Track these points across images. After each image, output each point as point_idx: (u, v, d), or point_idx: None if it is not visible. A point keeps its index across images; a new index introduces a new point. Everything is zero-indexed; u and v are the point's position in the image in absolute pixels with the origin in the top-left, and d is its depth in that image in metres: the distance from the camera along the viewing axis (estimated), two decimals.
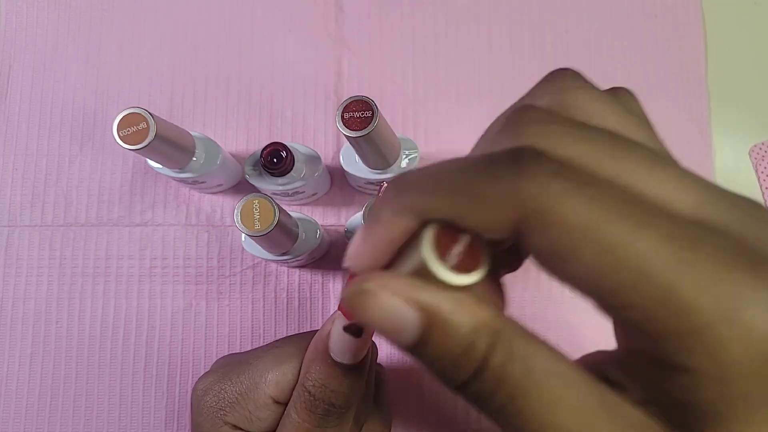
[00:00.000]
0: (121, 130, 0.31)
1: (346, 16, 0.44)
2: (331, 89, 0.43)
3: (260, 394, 0.24)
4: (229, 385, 0.25)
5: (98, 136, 0.42)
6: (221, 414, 0.25)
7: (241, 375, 0.25)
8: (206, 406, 0.25)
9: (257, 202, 0.30)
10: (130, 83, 0.43)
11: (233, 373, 0.26)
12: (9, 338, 0.40)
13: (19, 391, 0.39)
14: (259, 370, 0.25)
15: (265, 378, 0.25)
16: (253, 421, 0.25)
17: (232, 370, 0.26)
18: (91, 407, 0.39)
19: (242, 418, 0.25)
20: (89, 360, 0.40)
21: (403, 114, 0.43)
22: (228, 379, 0.26)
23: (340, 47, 0.44)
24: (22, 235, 0.41)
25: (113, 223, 0.41)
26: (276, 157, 0.34)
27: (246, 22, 0.44)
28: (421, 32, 0.44)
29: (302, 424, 0.23)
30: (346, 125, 0.31)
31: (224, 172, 0.39)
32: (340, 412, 0.23)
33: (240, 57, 0.43)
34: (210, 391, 0.25)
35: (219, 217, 0.41)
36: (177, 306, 0.40)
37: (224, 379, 0.26)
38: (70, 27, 0.44)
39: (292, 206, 0.41)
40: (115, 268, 0.41)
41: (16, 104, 0.43)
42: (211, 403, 0.25)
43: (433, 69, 0.43)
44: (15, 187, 0.42)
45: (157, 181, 0.42)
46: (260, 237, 0.30)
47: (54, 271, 0.41)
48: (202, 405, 0.25)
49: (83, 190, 0.42)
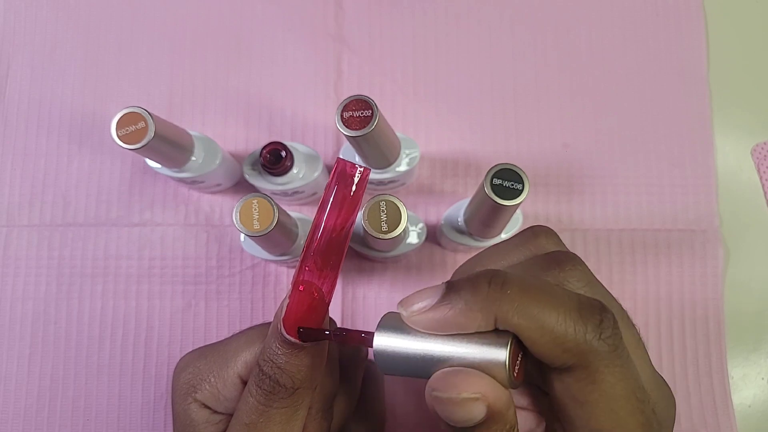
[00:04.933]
0: (119, 129, 0.31)
1: (345, 14, 0.44)
2: (330, 88, 0.43)
3: (229, 373, 0.24)
4: (204, 363, 0.25)
5: (97, 136, 0.42)
6: (192, 391, 0.25)
7: (215, 353, 0.25)
8: (180, 383, 0.25)
9: (256, 202, 0.30)
10: (128, 82, 0.43)
11: (209, 352, 0.26)
12: (8, 338, 0.40)
13: (18, 392, 0.39)
14: (232, 349, 0.25)
15: (237, 357, 0.25)
16: (220, 400, 0.24)
17: (210, 348, 0.26)
18: (90, 407, 0.39)
19: (211, 396, 0.25)
20: (88, 360, 0.39)
21: (403, 113, 0.43)
22: (204, 357, 0.26)
23: (339, 46, 0.43)
24: (21, 235, 0.41)
25: (112, 222, 0.41)
26: (275, 156, 0.34)
27: (245, 21, 0.44)
28: (422, 31, 0.44)
29: (250, 399, 0.23)
30: (346, 125, 0.30)
31: (223, 172, 0.38)
32: (286, 391, 0.23)
33: (239, 56, 0.43)
34: (187, 368, 0.26)
35: (218, 216, 0.41)
36: (176, 306, 0.40)
37: (201, 357, 0.26)
38: (69, 26, 0.44)
39: (291, 206, 0.41)
40: (114, 268, 0.40)
41: (15, 103, 0.43)
42: (186, 379, 0.25)
43: (433, 68, 0.43)
44: (13, 187, 0.42)
45: (155, 181, 0.41)
46: (259, 237, 0.30)
47: (53, 271, 0.40)
48: (177, 381, 0.25)
49: (82, 190, 0.41)
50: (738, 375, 0.40)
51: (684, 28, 0.44)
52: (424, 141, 0.42)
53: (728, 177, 0.42)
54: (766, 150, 0.43)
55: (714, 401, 0.39)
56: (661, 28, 0.44)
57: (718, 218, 0.41)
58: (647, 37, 0.44)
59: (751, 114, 0.43)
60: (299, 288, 0.22)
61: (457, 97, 0.43)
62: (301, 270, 0.22)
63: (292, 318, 0.22)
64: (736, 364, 0.40)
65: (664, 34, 0.44)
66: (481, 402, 0.17)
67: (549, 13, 0.44)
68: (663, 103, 0.43)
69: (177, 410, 0.25)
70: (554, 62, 0.44)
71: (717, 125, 0.43)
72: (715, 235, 0.41)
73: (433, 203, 0.41)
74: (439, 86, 0.43)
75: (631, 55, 0.44)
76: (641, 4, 0.44)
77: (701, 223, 0.41)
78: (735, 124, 0.43)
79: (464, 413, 0.17)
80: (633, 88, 0.43)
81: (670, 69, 0.43)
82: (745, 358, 0.40)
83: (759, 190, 0.42)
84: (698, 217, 0.41)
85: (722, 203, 0.42)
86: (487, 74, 0.43)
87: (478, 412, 0.17)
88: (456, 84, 0.43)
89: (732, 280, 0.41)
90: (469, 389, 0.17)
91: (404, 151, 0.37)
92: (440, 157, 0.42)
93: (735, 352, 0.40)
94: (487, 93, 0.43)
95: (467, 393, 0.17)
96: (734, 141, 0.43)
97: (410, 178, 0.40)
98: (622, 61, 0.44)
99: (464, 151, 0.42)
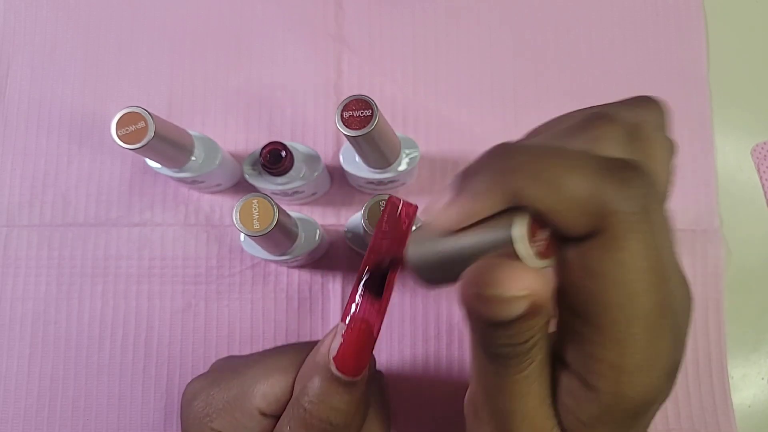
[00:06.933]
0: (119, 129, 0.31)
1: (345, 14, 0.44)
2: (330, 88, 0.43)
3: (248, 404, 0.24)
4: (218, 391, 0.25)
5: (97, 136, 0.42)
6: (207, 420, 0.24)
7: (231, 382, 0.25)
8: (194, 411, 0.25)
9: (256, 202, 0.30)
10: (128, 82, 0.43)
11: (223, 380, 0.25)
12: (8, 338, 0.40)
13: (18, 392, 0.39)
14: (249, 380, 0.24)
15: (254, 388, 0.24)
16: (239, 429, 0.24)
17: (223, 376, 0.26)
18: (90, 407, 0.39)
19: (229, 426, 0.24)
20: (88, 360, 0.39)
21: (403, 113, 0.43)
22: (217, 385, 0.25)
23: (339, 46, 0.43)
24: (21, 235, 0.41)
25: (112, 222, 0.41)
26: (275, 156, 0.34)
27: (245, 20, 0.44)
28: (422, 31, 0.44)
29: None
30: (346, 124, 0.30)
31: (223, 172, 0.38)
32: (337, 430, 0.22)
33: (239, 56, 0.43)
34: (199, 396, 0.25)
35: (218, 216, 0.41)
36: (176, 306, 0.40)
37: (213, 384, 0.25)
38: (69, 26, 0.44)
39: (291, 206, 0.41)
40: (114, 268, 0.40)
41: (15, 103, 0.43)
42: (199, 408, 0.25)
43: (433, 68, 0.43)
44: (13, 187, 0.42)
45: (155, 181, 0.41)
46: (259, 237, 0.30)
47: (52, 271, 0.40)
48: (190, 409, 0.25)
49: (82, 190, 0.41)
50: (738, 375, 0.40)
51: (684, 29, 0.44)
52: (424, 141, 0.42)
53: (728, 177, 0.42)
54: (766, 150, 0.43)
55: (714, 401, 0.39)
56: (661, 28, 0.44)
57: (718, 218, 0.41)
58: (647, 37, 0.44)
59: (751, 114, 0.43)
60: (350, 325, 0.22)
61: (457, 97, 0.43)
62: (349, 305, 0.22)
63: (342, 356, 0.22)
64: (736, 364, 0.40)
65: (664, 34, 0.44)
66: (526, 298, 0.15)
67: (549, 13, 0.44)
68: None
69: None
70: (554, 62, 0.44)
71: (717, 125, 0.43)
72: (715, 235, 0.41)
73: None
74: (439, 86, 0.43)
75: (631, 56, 0.44)
76: (641, 4, 0.44)
77: (701, 223, 0.41)
78: (735, 124, 0.43)
79: (508, 310, 0.15)
80: (633, 88, 0.43)
81: (670, 69, 0.43)
82: (745, 358, 0.40)
83: (759, 190, 0.42)
84: (698, 217, 0.41)
85: (722, 203, 0.42)
86: (487, 74, 0.43)
87: (521, 308, 0.15)
88: (456, 84, 0.43)
89: (732, 280, 0.41)
90: (516, 285, 0.15)
91: (404, 151, 0.37)
92: (440, 157, 0.42)
93: (735, 352, 0.40)
94: (487, 93, 0.43)
95: (516, 290, 0.15)
96: (734, 141, 0.43)
97: (410, 178, 0.40)
98: (622, 61, 0.44)
99: (464, 151, 0.42)
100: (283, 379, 0.24)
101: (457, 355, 0.39)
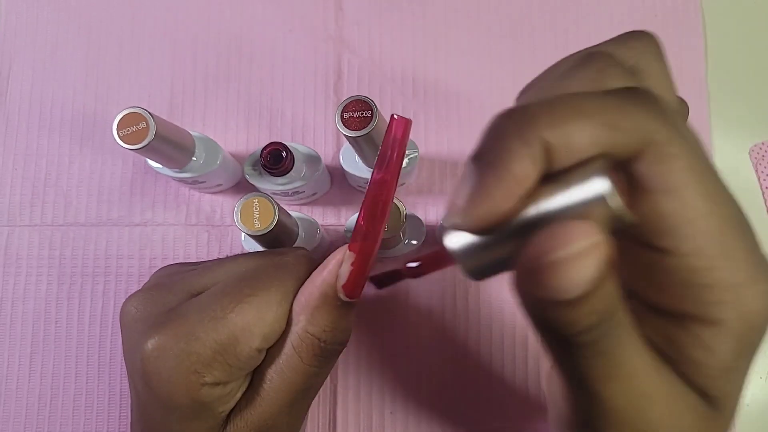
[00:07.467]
0: (120, 129, 0.31)
1: (345, 15, 0.44)
2: (330, 89, 0.43)
3: (243, 348, 0.23)
4: (199, 345, 0.22)
5: (98, 136, 0.42)
6: (196, 377, 0.22)
7: (213, 332, 0.22)
8: (175, 372, 0.22)
9: (257, 202, 0.30)
10: (129, 83, 0.43)
11: (201, 331, 0.22)
12: (9, 338, 0.40)
13: (19, 391, 0.39)
14: (239, 325, 0.23)
15: (248, 332, 0.23)
16: (234, 373, 0.23)
17: (195, 325, 0.23)
18: (91, 407, 0.39)
19: (223, 374, 0.23)
20: (89, 360, 0.40)
21: (403, 114, 0.43)
22: (195, 338, 0.22)
23: (339, 47, 0.44)
24: (22, 235, 0.41)
25: (113, 222, 0.41)
26: (276, 156, 0.34)
27: (246, 21, 0.44)
28: (421, 32, 0.44)
29: (310, 368, 0.23)
30: (346, 125, 0.30)
31: (224, 172, 0.39)
32: (343, 347, 0.23)
33: (240, 56, 0.43)
34: (168, 354, 0.22)
35: (219, 216, 0.41)
36: None
37: (191, 338, 0.22)
38: (70, 27, 0.44)
39: (291, 206, 0.41)
40: (115, 268, 0.41)
41: (16, 104, 0.43)
42: (181, 367, 0.22)
43: (432, 69, 0.43)
44: (14, 187, 0.42)
45: (156, 181, 0.42)
46: (260, 236, 0.30)
47: (54, 271, 0.41)
48: (164, 370, 0.22)
49: (83, 190, 0.42)
50: None
51: (682, 29, 0.44)
52: (424, 141, 0.42)
53: (726, 176, 0.42)
54: (764, 150, 0.43)
55: None
56: (659, 28, 0.44)
57: None
58: None
59: (748, 114, 0.44)
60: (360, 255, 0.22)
61: (456, 98, 0.43)
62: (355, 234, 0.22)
63: (352, 283, 0.22)
64: None
65: (662, 35, 0.44)
66: (594, 256, 0.13)
67: (548, 14, 0.44)
68: None
69: (181, 401, 0.23)
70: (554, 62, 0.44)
71: (715, 125, 0.43)
72: None
73: (433, 203, 0.41)
74: (438, 87, 0.43)
75: None
76: (640, 5, 0.45)
77: None
78: (733, 123, 0.43)
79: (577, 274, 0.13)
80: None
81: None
82: None
83: (756, 189, 0.43)
84: None
85: None
86: (487, 75, 0.43)
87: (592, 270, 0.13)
88: (456, 84, 0.43)
89: None
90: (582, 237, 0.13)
91: None
92: (440, 157, 0.42)
93: None
94: (486, 94, 0.43)
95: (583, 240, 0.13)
96: (732, 141, 0.43)
97: (410, 178, 0.40)
98: None
99: (464, 151, 0.42)
100: (281, 313, 0.24)
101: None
